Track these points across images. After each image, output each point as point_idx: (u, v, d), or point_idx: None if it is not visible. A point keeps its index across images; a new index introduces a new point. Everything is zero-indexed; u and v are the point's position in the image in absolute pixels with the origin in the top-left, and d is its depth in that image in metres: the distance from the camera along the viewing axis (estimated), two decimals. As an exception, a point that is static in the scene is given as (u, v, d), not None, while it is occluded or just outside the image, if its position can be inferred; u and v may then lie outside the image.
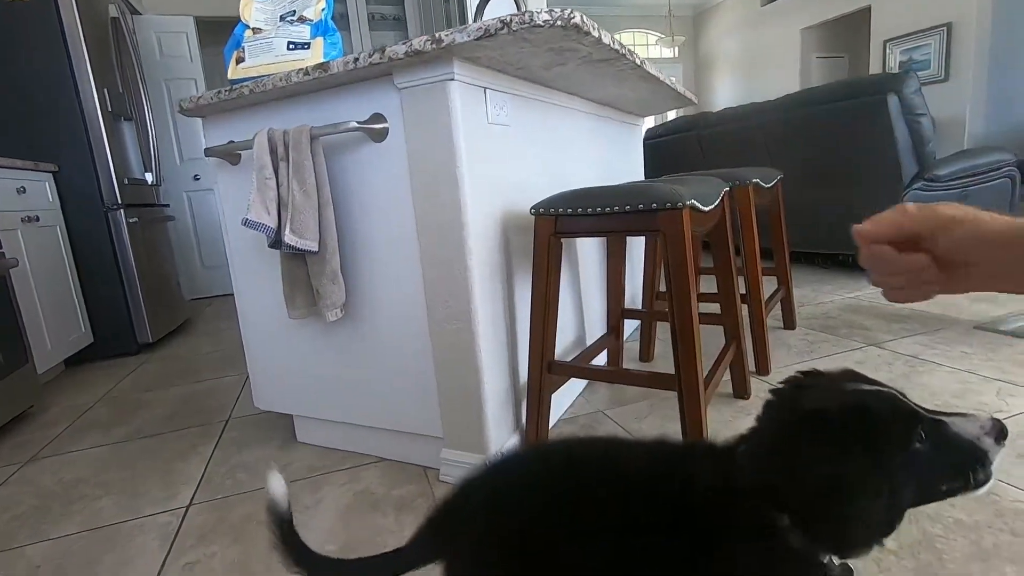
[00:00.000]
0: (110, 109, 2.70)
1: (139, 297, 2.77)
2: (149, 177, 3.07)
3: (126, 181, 2.77)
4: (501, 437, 1.28)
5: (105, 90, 2.67)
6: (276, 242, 1.22)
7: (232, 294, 1.54)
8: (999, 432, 0.47)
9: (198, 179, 4.36)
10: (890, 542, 0.94)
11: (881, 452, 0.47)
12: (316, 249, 1.21)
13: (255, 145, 1.21)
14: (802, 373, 0.56)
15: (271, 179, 1.20)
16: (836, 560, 0.53)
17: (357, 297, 1.32)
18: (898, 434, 0.48)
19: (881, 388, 0.51)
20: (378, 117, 1.18)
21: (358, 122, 1.15)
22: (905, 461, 0.47)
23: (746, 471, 0.53)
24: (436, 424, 1.29)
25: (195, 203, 4.41)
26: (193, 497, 1.33)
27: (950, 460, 0.48)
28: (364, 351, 1.35)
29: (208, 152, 1.36)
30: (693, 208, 1.12)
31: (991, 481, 0.48)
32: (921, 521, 0.99)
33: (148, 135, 3.05)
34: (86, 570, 1.09)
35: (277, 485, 0.69)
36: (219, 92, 1.30)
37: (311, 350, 1.43)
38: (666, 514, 0.53)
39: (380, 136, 1.19)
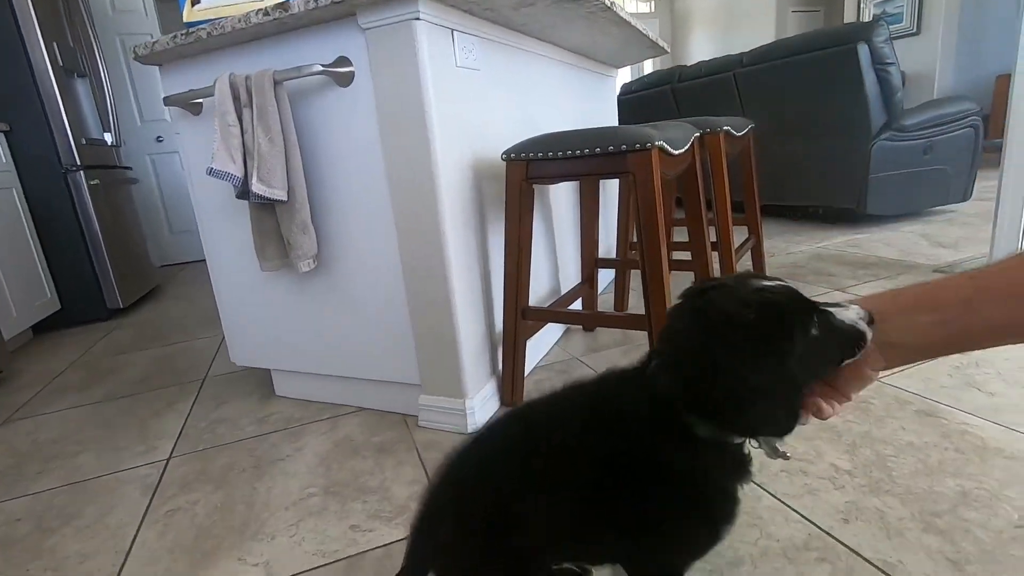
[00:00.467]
0: (61, 64, 2.57)
1: (106, 261, 2.70)
2: (108, 137, 2.95)
3: (84, 141, 2.66)
4: (478, 382, 1.30)
5: (55, 44, 2.53)
6: (244, 192, 1.20)
7: (203, 260, 1.52)
8: (869, 317, 0.53)
9: (161, 140, 4.21)
10: (845, 463, 1.00)
11: (788, 347, 0.50)
12: (285, 198, 1.19)
13: (216, 91, 1.17)
14: (702, 280, 0.58)
15: (235, 126, 1.17)
16: (758, 444, 0.59)
17: (329, 247, 1.31)
18: (801, 326, 0.51)
19: (779, 282, 0.54)
20: (343, 60, 1.15)
21: (323, 65, 1.12)
22: (810, 350, 0.51)
23: (659, 382, 0.56)
24: (413, 371, 1.31)
25: (159, 166, 4.27)
26: (173, 450, 1.34)
27: (838, 342, 0.53)
28: (339, 302, 1.35)
29: (167, 101, 1.31)
30: (662, 150, 1.13)
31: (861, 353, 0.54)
32: (875, 444, 1.05)
33: (105, 93, 2.92)
34: (68, 520, 1.10)
35: None
36: (175, 36, 1.24)
37: (285, 303, 1.42)
38: (603, 449, 0.58)
39: (346, 80, 1.16)
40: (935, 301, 0.51)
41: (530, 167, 1.21)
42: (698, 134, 1.45)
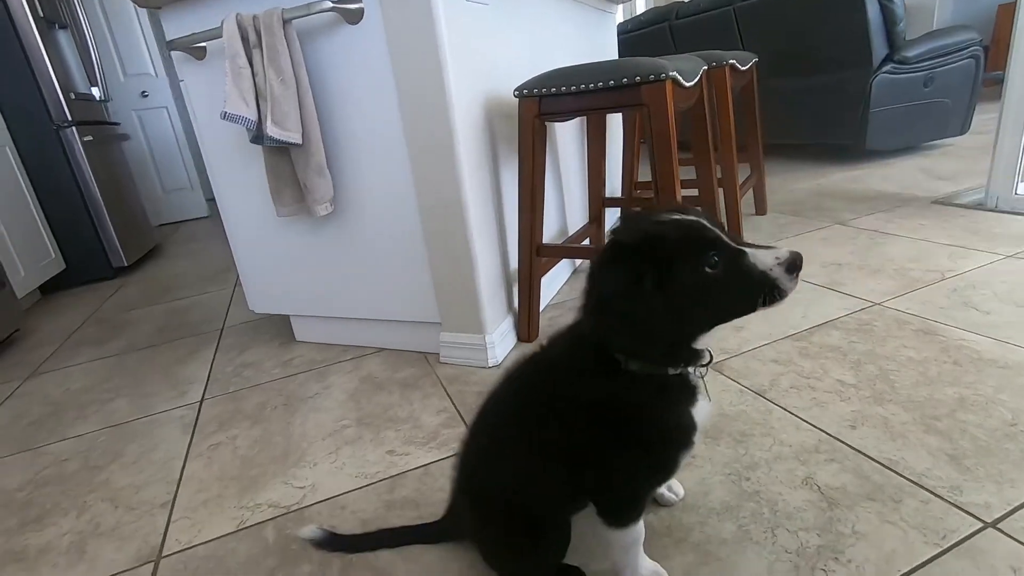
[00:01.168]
0: (42, 15, 2.48)
1: (106, 220, 2.69)
2: (96, 92, 2.88)
3: (72, 96, 2.60)
4: (496, 318, 1.34)
5: (32, -8, 2.44)
6: (258, 136, 1.20)
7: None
8: (791, 264, 0.51)
9: (146, 96, 4.09)
10: (850, 378, 1.06)
11: (667, 276, 0.49)
12: (300, 141, 1.20)
13: (224, 32, 1.16)
14: (626, 212, 0.59)
15: (245, 68, 1.16)
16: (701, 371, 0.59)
17: (345, 190, 1.32)
18: (687, 259, 0.50)
19: (686, 217, 0.53)
20: (352, -4, 1.13)
21: (332, 1, 1.11)
22: (697, 283, 0.50)
23: (580, 320, 0.58)
24: (432, 310, 1.35)
25: (146, 123, 4.17)
26: (204, 393, 1.39)
27: (742, 284, 0.51)
28: (356, 245, 1.37)
29: (171, 45, 1.29)
30: (675, 81, 1.14)
31: (780, 302, 0.52)
32: (878, 360, 1.12)
33: (87, 44, 2.82)
34: (115, 458, 1.16)
35: (309, 531, 0.83)
36: (175, -24, 1.21)
37: (302, 249, 1.44)
38: (553, 395, 0.61)
39: (355, 17, 1.15)
40: None
41: (543, 103, 1.22)
42: (705, 67, 1.45)
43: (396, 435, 1.10)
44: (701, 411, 0.60)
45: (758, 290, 0.51)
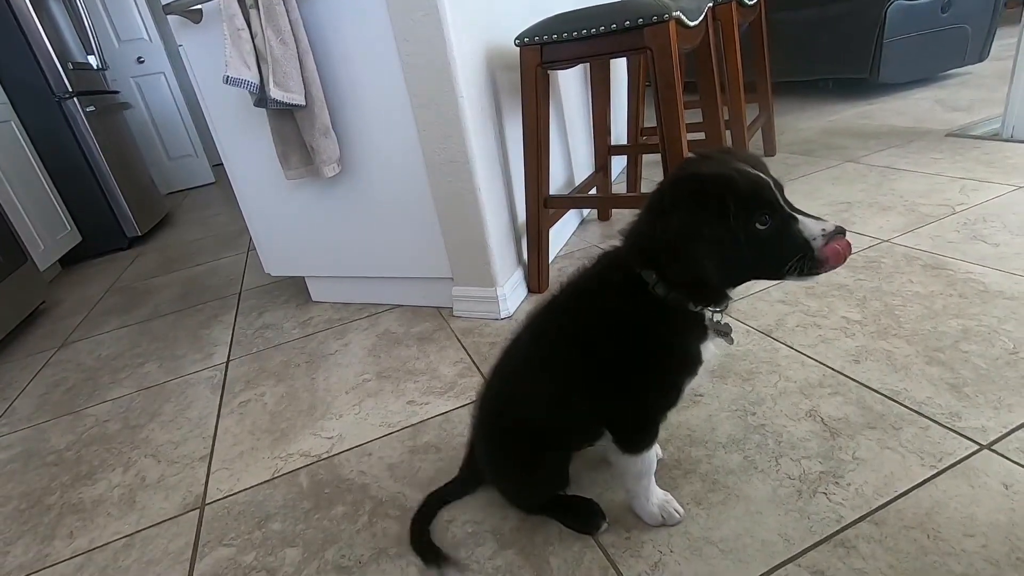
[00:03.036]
0: (31, -18, 2.43)
1: (117, 191, 2.71)
2: (93, 60, 2.85)
3: (70, 66, 2.58)
4: (507, 271, 1.37)
5: (19, -41, 2.38)
6: (261, 99, 1.21)
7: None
8: (832, 237, 0.52)
9: (142, 62, 4.04)
10: (855, 313, 1.08)
11: (719, 219, 0.52)
12: (303, 102, 1.20)
13: (219, -7, 1.14)
14: (696, 153, 0.61)
15: (244, 30, 1.15)
16: (717, 317, 0.62)
17: (351, 150, 1.33)
18: (741, 210, 0.52)
19: (754, 171, 0.55)
20: (345, -52, 1.11)
21: (325, -45, 1.09)
22: (747, 236, 0.53)
23: (624, 238, 0.63)
24: (444, 266, 1.37)
25: (145, 90, 4.12)
26: (229, 355, 1.45)
27: (785, 248, 0.54)
28: (366, 204, 1.39)
29: (167, 9, 1.27)
30: (679, 22, 1.11)
31: (814, 277, 0.54)
32: (884, 297, 1.13)
33: (79, 11, 2.77)
34: (152, 417, 1.22)
35: None
36: (164, -64, 1.19)
37: (313, 211, 1.46)
38: (583, 315, 0.65)
39: (350, -30, 1.13)
40: None
41: (544, 51, 1.20)
42: (711, 4, 1.41)
43: (415, 386, 1.15)
44: (709, 350, 0.63)
45: (794, 255, 0.53)
